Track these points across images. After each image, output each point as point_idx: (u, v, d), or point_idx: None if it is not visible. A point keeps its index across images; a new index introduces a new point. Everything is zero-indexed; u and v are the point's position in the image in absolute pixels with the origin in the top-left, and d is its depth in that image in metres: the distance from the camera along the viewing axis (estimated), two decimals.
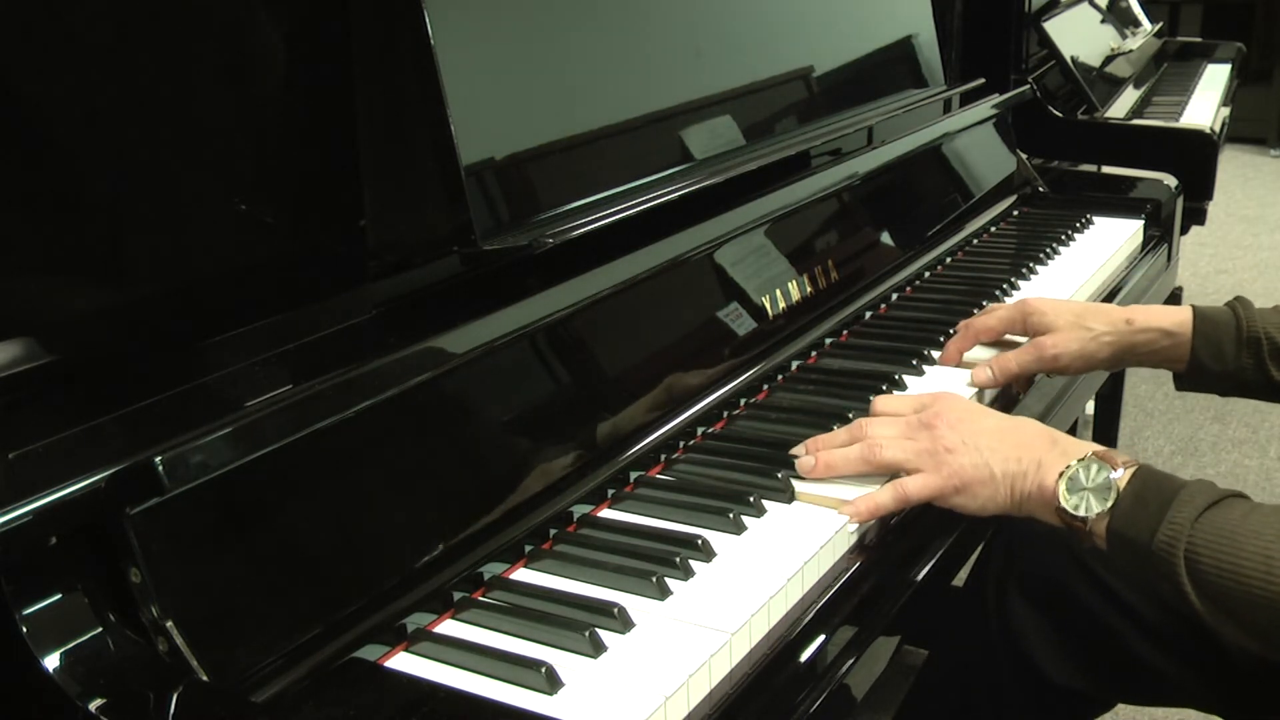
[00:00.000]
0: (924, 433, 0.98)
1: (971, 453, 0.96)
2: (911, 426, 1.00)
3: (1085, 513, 0.90)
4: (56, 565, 0.67)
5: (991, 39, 2.16)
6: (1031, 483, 0.94)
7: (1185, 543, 0.84)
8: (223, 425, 0.73)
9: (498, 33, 1.02)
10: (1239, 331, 1.17)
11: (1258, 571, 0.81)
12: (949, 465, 0.96)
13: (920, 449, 0.98)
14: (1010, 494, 0.95)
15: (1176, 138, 2.23)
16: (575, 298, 1.01)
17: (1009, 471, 0.95)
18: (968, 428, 0.98)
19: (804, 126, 1.42)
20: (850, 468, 0.99)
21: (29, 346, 0.77)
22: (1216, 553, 0.83)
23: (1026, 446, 0.96)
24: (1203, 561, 0.83)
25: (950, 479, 0.96)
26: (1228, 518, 0.84)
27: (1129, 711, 1.85)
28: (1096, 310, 1.24)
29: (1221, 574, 0.83)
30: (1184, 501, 0.86)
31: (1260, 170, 5.79)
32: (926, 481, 0.97)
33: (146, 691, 0.66)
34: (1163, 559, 0.85)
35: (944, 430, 0.98)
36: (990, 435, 0.97)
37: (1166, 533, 0.85)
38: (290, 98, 0.92)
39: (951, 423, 0.98)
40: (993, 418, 1.00)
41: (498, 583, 0.87)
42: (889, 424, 1.01)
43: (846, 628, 0.88)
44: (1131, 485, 0.89)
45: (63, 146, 0.79)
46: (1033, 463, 0.94)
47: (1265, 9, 6.06)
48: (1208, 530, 0.84)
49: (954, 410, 1.00)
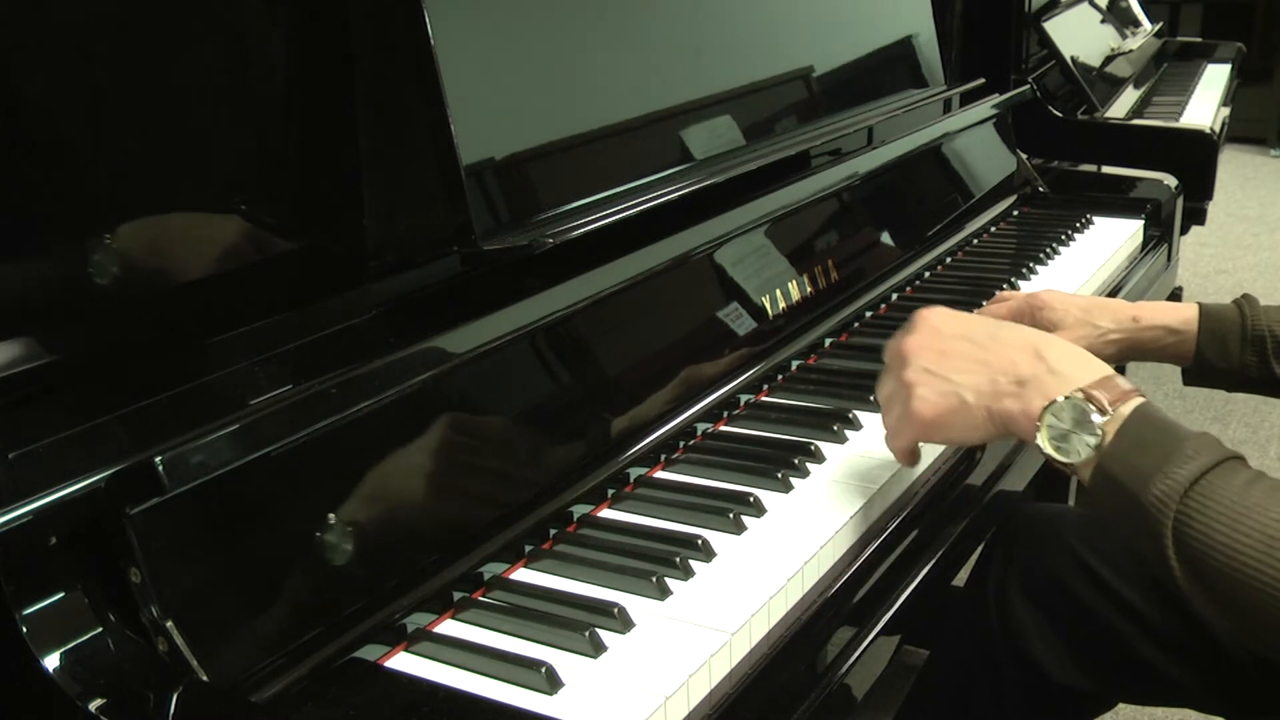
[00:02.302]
0: (894, 370, 0.92)
1: (934, 382, 0.88)
2: (890, 364, 0.94)
3: (1068, 458, 0.82)
4: (56, 565, 0.67)
5: (991, 39, 2.16)
6: (1012, 407, 0.85)
7: (1180, 502, 0.77)
8: (223, 425, 0.73)
9: (498, 32, 1.02)
10: (1244, 329, 1.17)
11: (1255, 551, 0.74)
12: (912, 404, 0.89)
13: (888, 392, 0.92)
14: (989, 418, 0.87)
15: (1176, 138, 2.23)
16: (575, 298, 1.01)
17: (984, 393, 0.86)
18: (933, 350, 0.89)
19: (804, 126, 1.42)
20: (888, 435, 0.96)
21: (29, 346, 0.77)
22: (1210, 522, 0.75)
23: (1004, 363, 0.87)
24: (1194, 527, 0.76)
25: (916, 421, 0.89)
26: (1229, 485, 0.77)
27: (1129, 711, 1.85)
28: (1104, 306, 1.23)
29: (1211, 546, 0.75)
30: (1188, 456, 0.78)
31: (1260, 170, 5.79)
32: (892, 428, 0.92)
33: (146, 691, 0.66)
34: (1152, 515, 0.78)
35: (910, 360, 0.90)
36: (958, 355, 0.88)
37: (1161, 486, 0.77)
38: (290, 97, 0.92)
39: (917, 348, 0.90)
40: (967, 332, 0.90)
41: (498, 583, 0.87)
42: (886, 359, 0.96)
43: (846, 628, 0.88)
44: (1131, 424, 0.81)
45: (63, 146, 0.79)
46: (1012, 381, 0.86)
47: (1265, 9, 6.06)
48: (1205, 495, 0.76)
49: (923, 332, 0.91)
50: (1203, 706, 1.16)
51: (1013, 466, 1.19)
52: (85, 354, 0.80)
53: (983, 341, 0.89)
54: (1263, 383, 1.19)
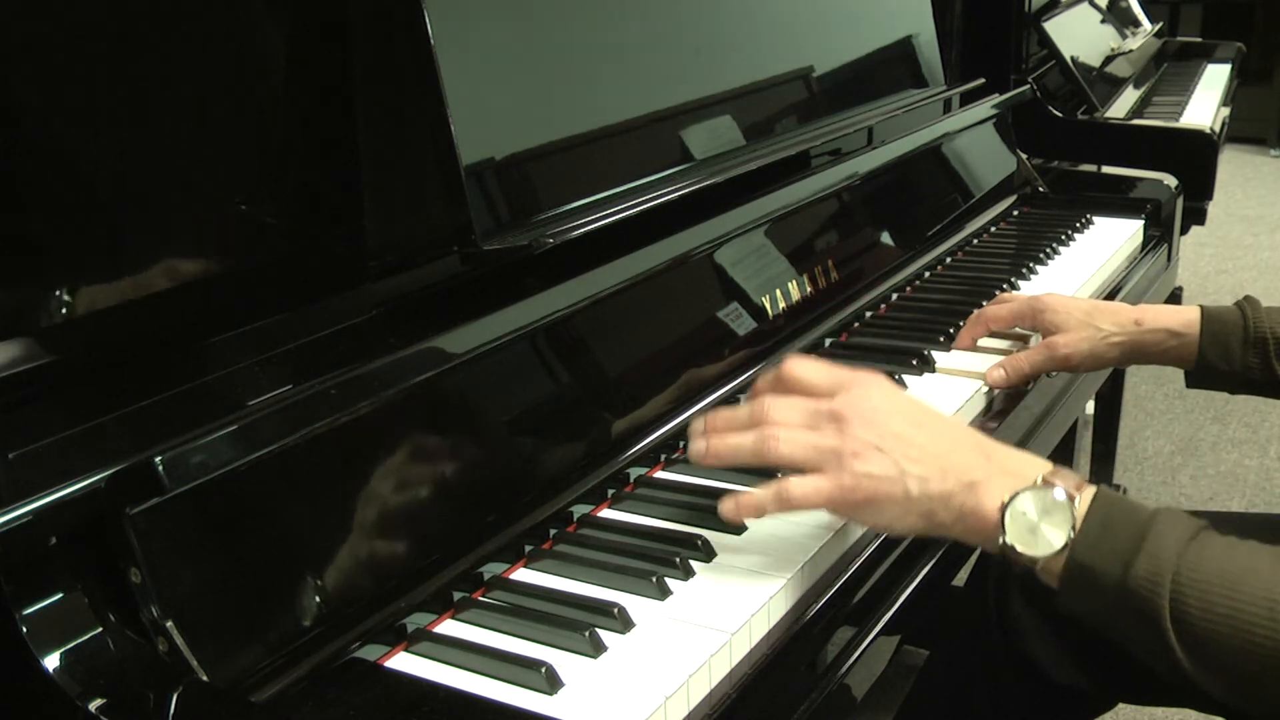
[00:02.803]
0: (831, 426, 0.82)
1: (883, 461, 0.80)
2: (819, 415, 0.83)
3: (1038, 551, 0.76)
4: (56, 565, 0.67)
5: (991, 39, 2.17)
6: (962, 507, 0.79)
7: (1171, 578, 0.72)
8: (223, 425, 0.73)
9: (498, 32, 1.02)
10: (1246, 331, 1.18)
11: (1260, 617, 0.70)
12: (852, 474, 0.81)
13: (822, 447, 0.82)
14: (928, 518, 0.81)
15: (1176, 138, 2.23)
16: (575, 298, 1.01)
17: (929, 492, 0.79)
18: (883, 428, 0.81)
19: (804, 126, 1.42)
20: (741, 459, 0.85)
21: (29, 346, 0.77)
22: (1209, 592, 0.71)
23: (954, 460, 0.81)
24: (1190, 601, 0.72)
25: (852, 491, 0.81)
26: (1213, 553, 0.73)
27: (1129, 711, 1.85)
28: (1106, 309, 1.24)
29: (1214, 618, 0.71)
30: (1162, 531, 0.74)
31: (1260, 170, 5.79)
32: (819, 487, 0.82)
33: (146, 691, 0.66)
34: (1141, 595, 0.73)
35: (855, 427, 0.81)
36: (909, 442, 0.81)
37: (1146, 565, 0.73)
38: (290, 97, 0.93)
39: (865, 417, 0.82)
40: (915, 417, 0.83)
41: (498, 583, 0.87)
42: (794, 408, 0.85)
43: (846, 628, 0.88)
44: (1094, 511, 0.76)
45: (63, 146, 0.79)
46: (962, 483, 0.79)
47: (1265, 9, 6.06)
48: (1194, 568, 0.72)
49: (869, 401, 0.83)
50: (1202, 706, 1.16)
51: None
52: (85, 354, 0.80)
53: (930, 431, 0.82)
54: (1265, 384, 1.19)
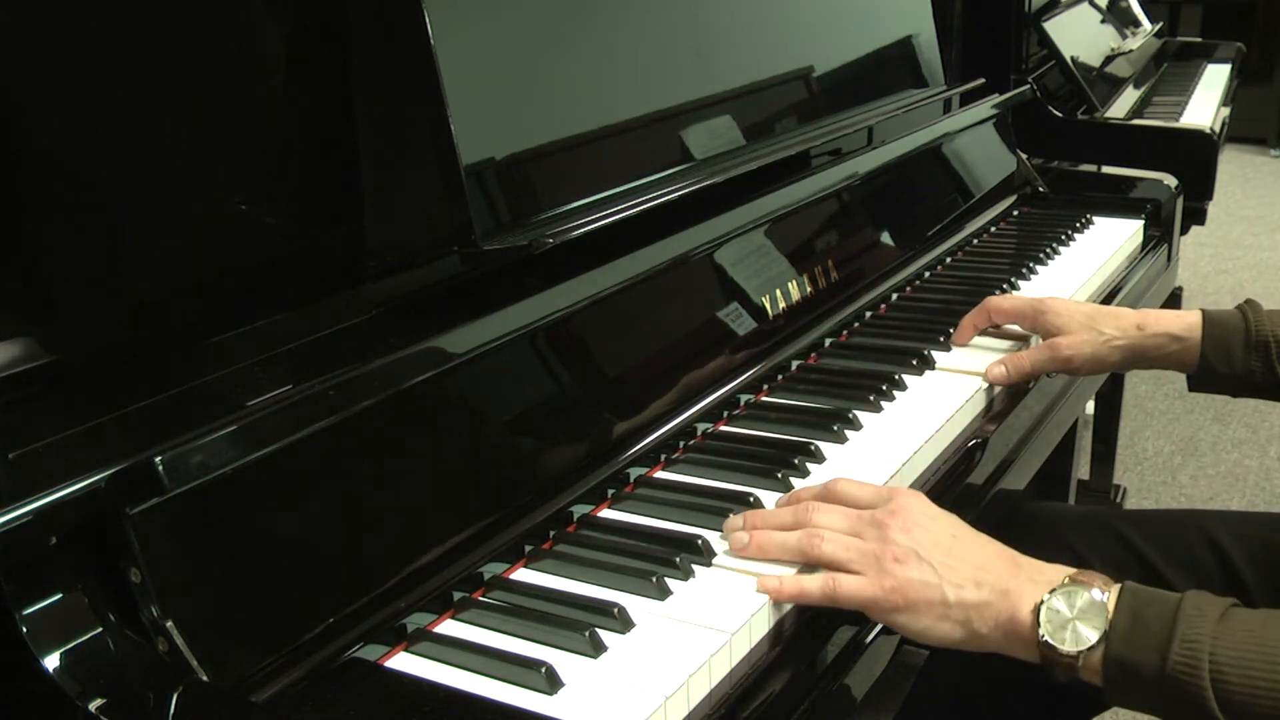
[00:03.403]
0: (873, 531, 0.86)
1: (923, 568, 0.83)
2: (862, 521, 0.87)
3: (1076, 647, 0.79)
4: (56, 565, 0.67)
5: (991, 39, 2.16)
6: (997, 616, 0.82)
7: (1209, 661, 0.74)
8: (223, 425, 0.73)
9: (498, 33, 1.02)
10: (1248, 335, 1.18)
11: None
12: (893, 577, 0.84)
13: (865, 550, 0.85)
14: (965, 626, 0.83)
15: (1176, 138, 2.23)
16: (575, 298, 1.01)
17: (965, 600, 0.82)
18: (923, 536, 0.85)
19: (804, 126, 1.42)
20: (785, 556, 0.88)
21: (29, 346, 0.77)
22: (1246, 669, 0.73)
23: (988, 570, 0.84)
24: (1230, 680, 0.74)
25: (892, 593, 0.83)
26: (1244, 630, 0.75)
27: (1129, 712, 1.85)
28: (1108, 314, 1.25)
29: (1257, 692, 0.73)
30: (1192, 615, 0.76)
31: (1260, 170, 5.79)
32: (863, 587, 0.84)
33: (146, 691, 0.66)
34: (1184, 682, 0.75)
35: (896, 533, 0.85)
36: (946, 551, 0.85)
37: (1182, 652, 0.75)
38: (291, 97, 0.93)
39: (905, 525, 0.86)
40: (951, 529, 0.87)
41: (498, 583, 0.87)
42: (838, 515, 0.89)
43: (847, 627, 0.88)
44: (1123, 604, 0.79)
45: (63, 146, 0.79)
46: (996, 591, 0.83)
47: (1265, 9, 6.06)
48: (1229, 644, 0.74)
49: (911, 512, 0.87)
50: None
51: (1013, 466, 1.19)
52: (85, 354, 0.80)
53: (965, 543, 0.86)
54: (1267, 388, 1.19)
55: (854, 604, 0.85)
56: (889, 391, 1.17)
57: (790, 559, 0.87)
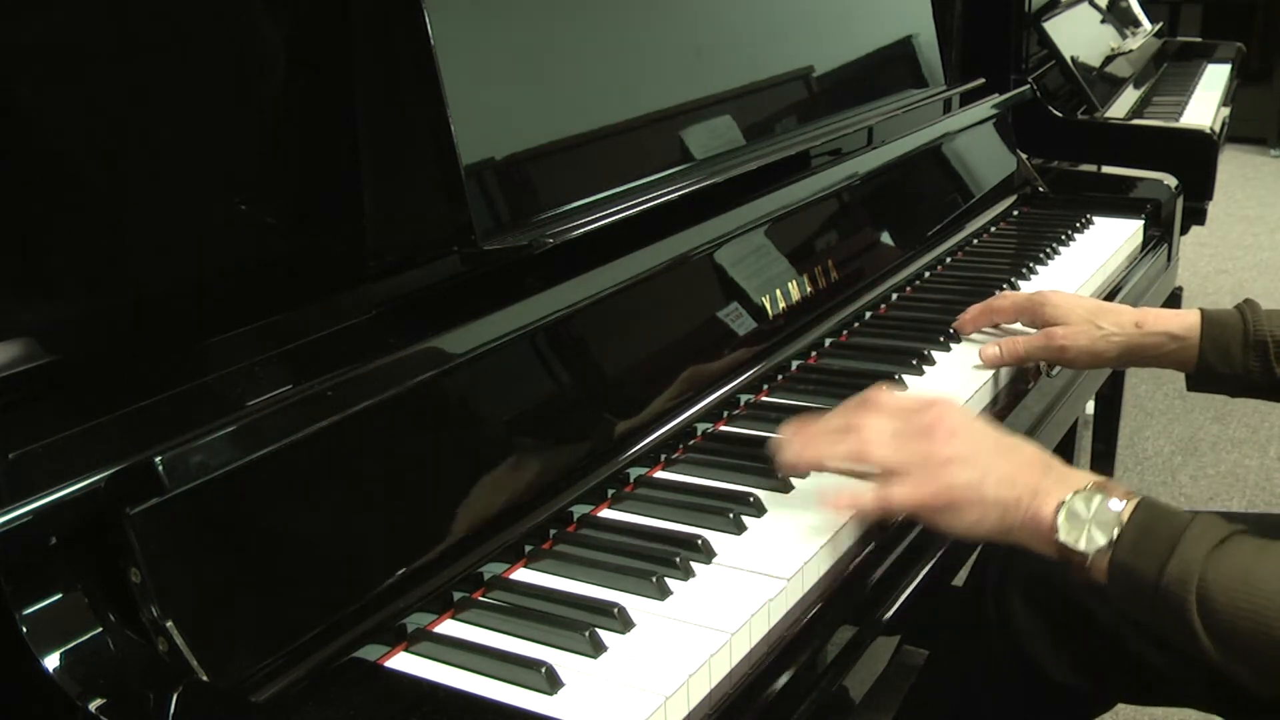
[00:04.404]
0: (921, 438, 0.91)
1: (967, 469, 0.89)
2: (909, 427, 0.92)
3: (1086, 546, 0.84)
4: (56, 565, 0.67)
5: (991, 39, 2.16)
6: (1025, 512, 0.87)
7: (1198, 580, 0.79)
8: (223, 425, 0.73)
9: (498, 33, 1.02)
10: (1246, 335, 1.18)
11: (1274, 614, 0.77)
12: (941, 478, 0.89)
13: (915, 454, 0.91)
14: (1000, 521, 0.88)
15: (1176, 138, 2.23)
16: (575, 298, 1.01)
17: (1002, 497, 0.88)
18: (966, 441, 0.91)
19: (804, 126, 1.42)
20: (837, 463, 0.93)
21: (29, 346, 0.77)
22: (1231, 593, 0.78)
23: (1022, 471, 0.89)
24: (1216, 601, 0.79)
25: (940, 494, 0.89)
26: (1241, 556, 0.80)
27: (1129, 711, 1.85)
28: (1108, 310, 1.25)
29: (1237, 614, 0.78)
30: (1194, 536, 0.81)
31: (1260, 170, 5.79)
32: (914, 491, 0.90)
33: (146, 691, 0.66)
34: (1173, 594, 0.80)
35: (942, 439, 0.90)
36: (988, 453, 0.90)
37: (1177, 568, 0.80)
38: (291, 97, 0.93)
39: (950, 431, 0.91)
40: (989, 434, 0.93)
41: (498, 583, 0.87)
42: (885, 421, 0.93)
43: (846, 628, 0.88)
44: (1136, 516, 0.84)
45: (63, 145, 0.79)
46: (1027, 489, 0.88)
47: (1265, 9, 6.06)
48: (1221, 568, 0.79)
49: (953, 418, 0.93)
50: (1202, 706, 1.16)
51: None
52: (85, 354, 0.80)
53: (1003, 447, 0.91)
54: (1266, 388, 1.19)
55: (905, 509, 0.91)
56: None
57: (840, 464, 0.93)
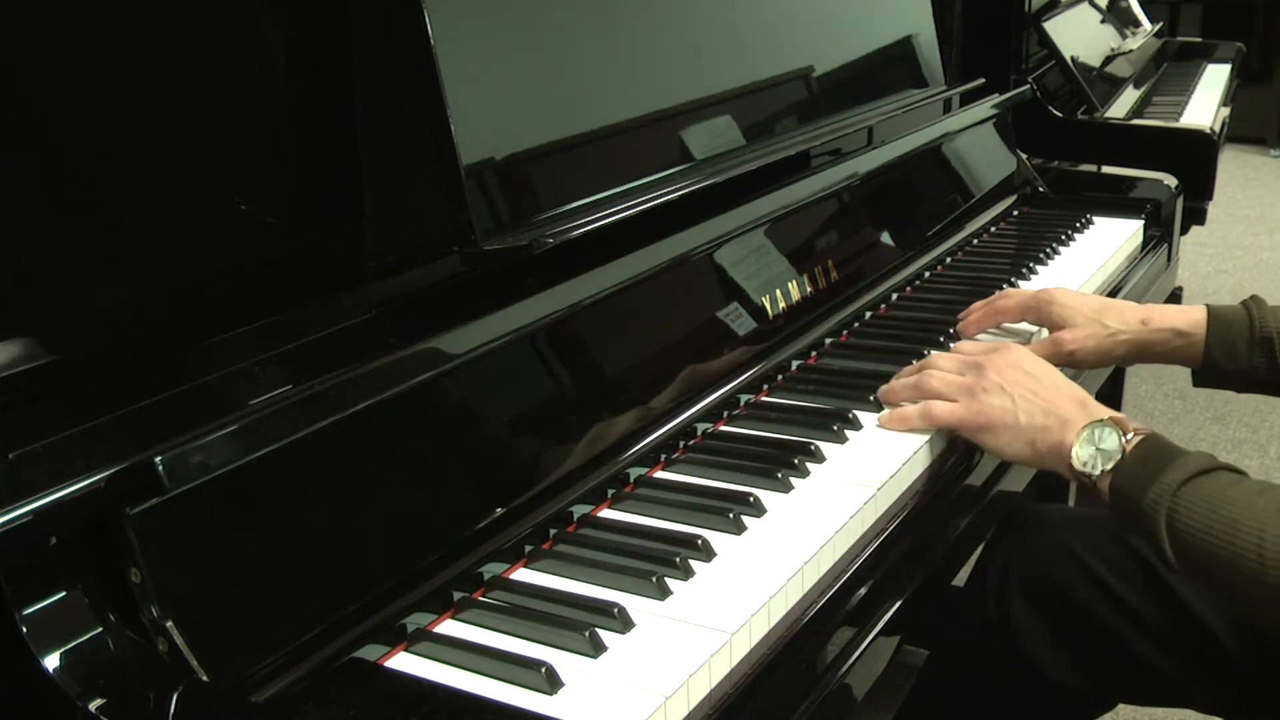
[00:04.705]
0: (972, 370, 1.08)
1: (1004, 397, 1.04)
2: (966, 363, 1.09)
3: (1093, 470, 0.97)
4: (56, 565, 0.67)
5: (991, 39, 2.16)
6: (1053, 438, 1.00)
7: (1169, 503, 0.91)
8: (223, 425, 0.73)
9: (498, 33, 1.02)
10: (1252, 331, 1.19)
11: (1223, 533, 0.88)
12: (979, 402, 1.05)
13: (961, 383, 1.07)
14: (1031, 446, 1.02)
15: (1176, 138, 2.23)
16: (575, 298, 1.01)
17: (1035, 424, 1.02)
18: (1011, 375, 1.05)
19: (804, 126, 1.42)
20: (904, 393, 1.11)
21: (29, 346, 0.77)
22: (1192, 515, 0.90)
23: (1058, 404, 1.02)
24: (1180, 521, 0.91)
25: (976, 415, 1.05)
26: (1213, 486, 0.91)
27: (1129, 711, 1.85)
28: (1114, 308, 1.26)
29: (1193, 533, 0.90)
30: (1178, 466, 0.93)
31: (1260, 170, 5.79)
32: (953, 410, 1.06)
33: (146, 691, 0.66)
34: (1148, 515, 0.92)
35: (989, 373, 1.06)
36: (1028, 387, 1.04)
37: (1155, 491, 0.92)
38: (291, 97, 0.93)
39: (999, 368, 1.06)
40: (1041, 373, 1.06)
41: (498, 583, 0.87)
42: (949, 359, 1.12)
43: (846, 628, 0.88)
44: (1138, 448, 0.96)
45: (62, 146, 0.79)
46: (1058, 420, 1.01)
47: (1265, 9, 6.06)
48: (1191, 494, 0.91)
49: (1008, 358, 1.08)
50: (1202, 707, 1.16)
51: (1013, 466, 1.19)
52: (85, 354, 0.80)
53: (1046, 384, 1.05)
54: (1271, 384, 1.20)
55: (946, 423, 1.07)
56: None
57: (907, 395, 1.11)
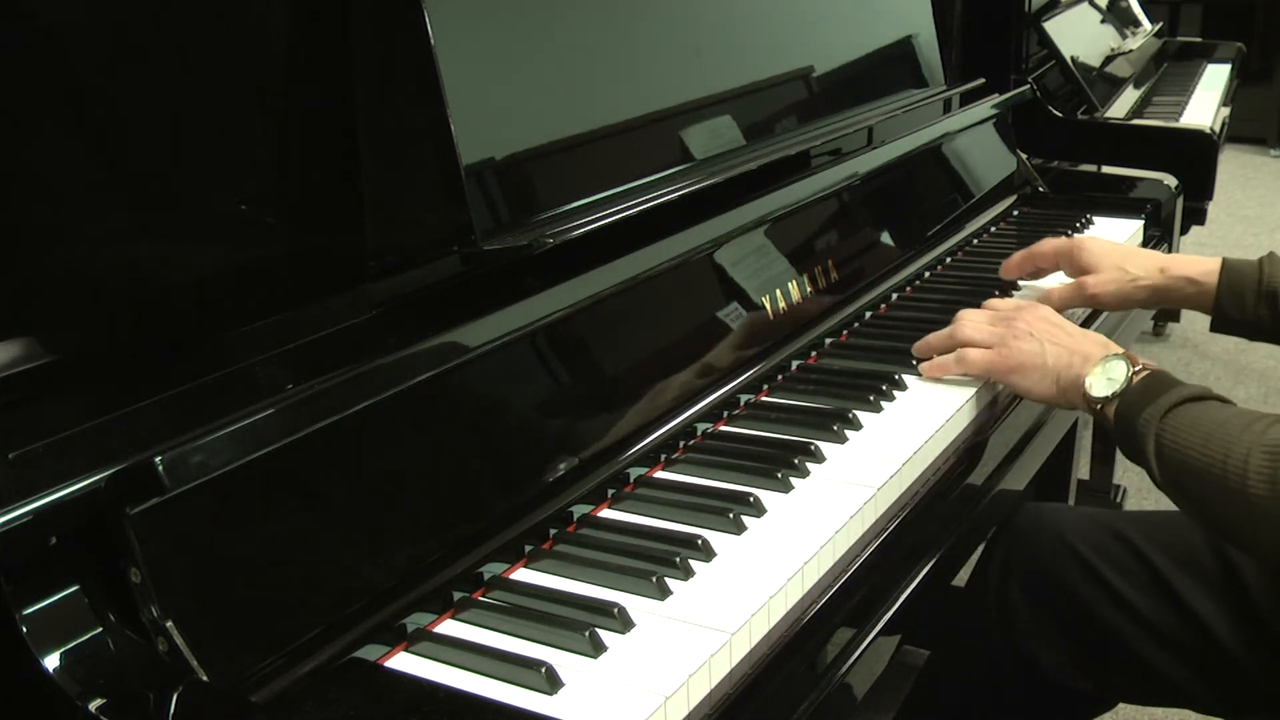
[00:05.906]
0: (1003, 323, 1.17)
1: (1034, 342, 1.13)
2: (997, 318, 1.19)
3: (1100, 396, 1.06)
4: (56, 565, 0.67)
5: (991, 39, 2.16)
6: (1073, 373, 1.09)
7: (1158, 424, 1.00)
8: (222, 425, 0.73)
9: (498, 32, 1.02)
10: (1260, 284, 1.26)
11: (1206, 450, 0.96)
12: (1010, 347, 1.14)
13: (993, 332, 1.17)
14: (1055, 383, 1.11)
15: (1176, 138, 2.23)
16: (575, 298, 1.01)
17: (1059, 364, 1.11)
18: (1040, 325, 1.15)
19: (804, 126, 1.42)
20: (940, 343, 1.20)
21: (29, 346, 0.77)
22: (1176, 434, 0.99)
23: (1080, 345, 1.11)
24: (1167, 438, 0.99)
25: (1007, 358, 1.14)
26: (1204, 409, 0.99)
27: (1129, 711, 1.85)
28: (1136, 255, 1.38)
29: (1178, 449, 0.98)
30: (1175, 393, 1.01)
31: (1260, 170, 5.79)
32: (985, 355, 1.16)
33: (146, 691, 0.66)
34: (1140, 434, 1.01)
35: (1019, 323, 1.15)
36: (1055, 335, 1.13)
37: (1148, 413, 1.01)
38: (291, 97, 0.92)
39: (1029, 320, 1.15)
40: (1061, 323, 1.15)
41: (498, 583, 0.87)
42: (981, 313, 1.21)
43: (846, 628, 0.88)
44: (1143, 379, 1.05)
45: (63, 145, 0.79)
46: (1079, 357, 1.10)
47: (1265, 9, 6.06)
48: (1181, 416, 0.99)
49: (1036, 311, 1.17)
50: (1202, 707, 1.17)
51: (1013, 466, 1.19)
52: (85, 354, 0.80)
53: (1072, 331, 1.14)
54: (1275, 334, 1.28)
55: (979, 367, 1.16)
56: (889, 391, 1.17)
57: (942, 345, 1.21)
